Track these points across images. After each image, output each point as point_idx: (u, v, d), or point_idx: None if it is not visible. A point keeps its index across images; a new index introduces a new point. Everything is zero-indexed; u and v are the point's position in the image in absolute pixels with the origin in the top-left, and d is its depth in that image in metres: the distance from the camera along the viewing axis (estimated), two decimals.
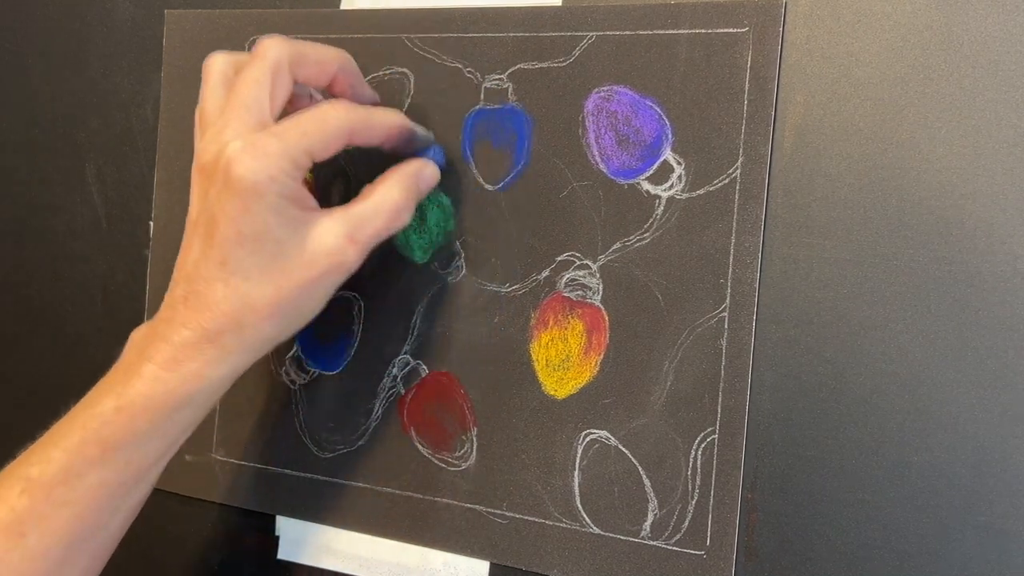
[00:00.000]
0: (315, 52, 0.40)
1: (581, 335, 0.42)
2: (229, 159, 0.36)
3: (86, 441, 0.37)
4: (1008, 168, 0.36)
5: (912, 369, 0.37)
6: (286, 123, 0.38)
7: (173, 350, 0.37)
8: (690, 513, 0.39)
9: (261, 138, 0.37)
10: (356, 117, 0.39)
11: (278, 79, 0.38)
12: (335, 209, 0.39)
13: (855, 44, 0.38)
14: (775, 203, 0.39)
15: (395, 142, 0.41)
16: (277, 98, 0.39)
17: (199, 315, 0.37)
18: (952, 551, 0.36)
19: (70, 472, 0.37)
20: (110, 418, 0.37)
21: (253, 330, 0.38)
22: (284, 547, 0.48)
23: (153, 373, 0.37)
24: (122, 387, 0.37)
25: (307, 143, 0.37)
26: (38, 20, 0.55)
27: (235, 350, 0.38)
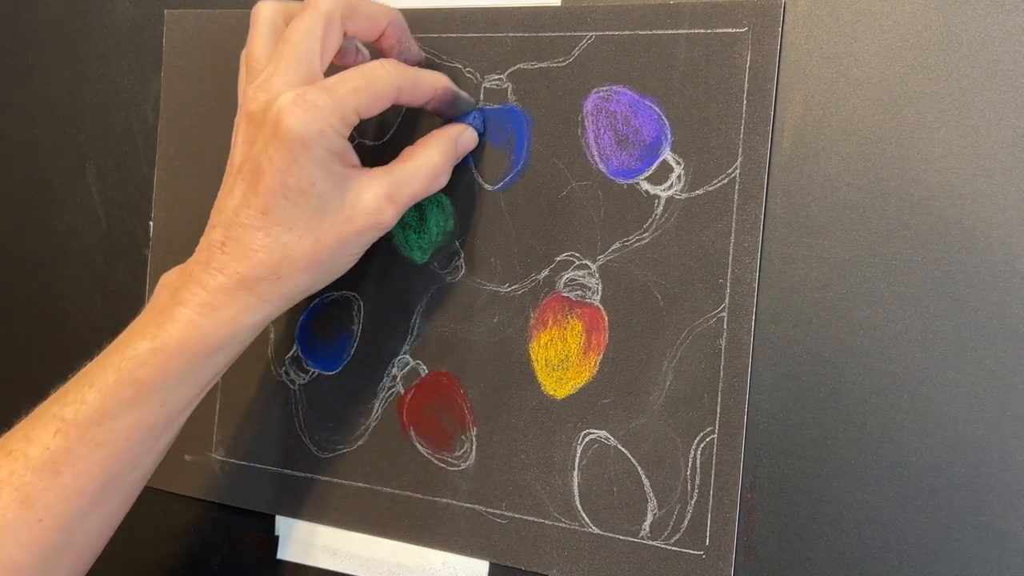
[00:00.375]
0: (366, 6, 0.40)
1: (580, 335, 0.42)
2: (280, 110, 0.37)
3: (121, 382, 0.37)
4: (1008, 168, 0.36)
5: (912, 369, 0.37)
6: (336, 79, 0.38)
7: (208, 295, 0.38)
8: (689, 513, 0.39)
9: (312, 92, 0.37)
10: (404, 77, 0.39)
11: (329, 30, 0.39)
12: (376, 169, 0.39)
13: (855, 44, 0.38)
14: (774, 203, 0.39)
15: (439, 104, 0.42)
16: (327, 50, 0.39)
17: (237, 262, 0.38)
18: (952, 551, 0.36)
19: (104, 413, 0.37)
20: (145, 359, 0.37)
21: (289, 280, 0.38)
22: (284, 547, 0.48)
23: (187, 317, 0.38)
24: (156, 329, 0.38)
25: (356, 100, 0.38)
26: (38, 20, 0.56)
27: (270, 298, 0.38)
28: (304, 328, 0.48)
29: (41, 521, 0.37)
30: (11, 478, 0.37)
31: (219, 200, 0.39)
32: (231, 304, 0.38)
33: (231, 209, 0.38)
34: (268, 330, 0.48)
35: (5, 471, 0.37)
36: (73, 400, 0.38)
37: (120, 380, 0.37)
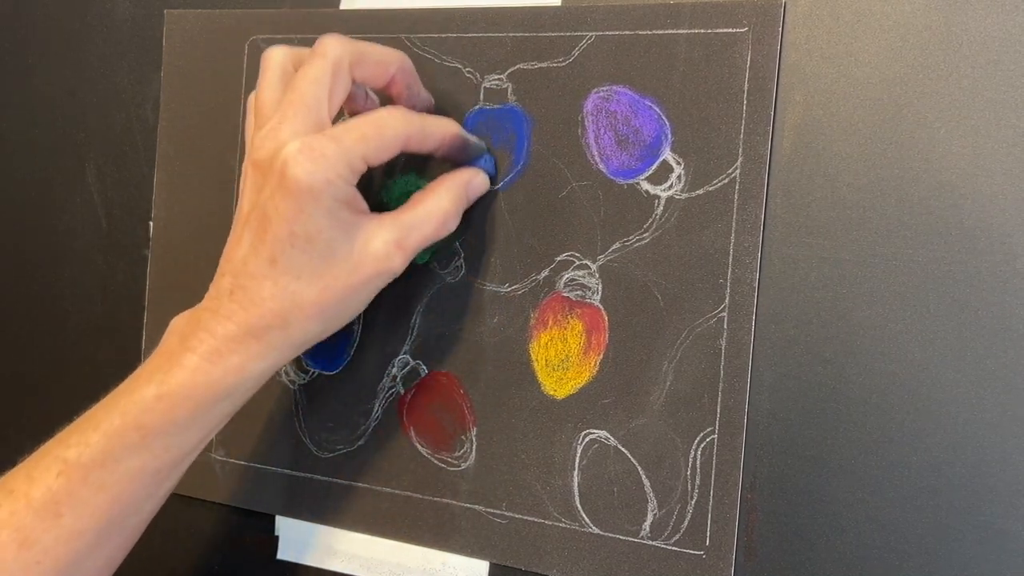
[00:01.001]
0: (375, 52, 0.40)
1: (580, 335, 0.42)
2: (286, 160, 0.36)
3: (126, 426, 0.37)
4: (1008, 168, 0.36)
5: (912, 369, 0.37)
6: (344, 127, 0.38)
7: (217, 343, 0.38)
8: (689, 513, 0.39)
9: (319, 140, 0.37)
10: (412, 125, 0.39)
11: (337, 78, 0.39)
12: (385, 215, 0.39)
13: (855, 44, 0.38)
14: (774, 203, 0.39)
15: (448, 150, 0.41)
16: (335, 97, 0.39)
17: (245, 311, 0.38)
18: (952, 551, 0.36)
19: (108, 456, 0.37)
20: (151, 405, 0.37)
21: (298, 328, 0.38)
22: (284, 547, 0.48)
23: (195, 364, 0.37)
24: (164, 375, 0.38)
25: (364, 149, 0.38)
26: (38, 20, 0.56)
27: (278, 346, 0.38)
28: None
29: (39, 563, 0.37)
30: (11, 519, 0.37)
31: (228, 248, 0.39)
32: (239, 352, 0.38)
33: (239, 258, 0.38)
34: None
35: (5, 511, 0.37)
36: (77, 442, 0.37)
37: (125, 424, 0.37)
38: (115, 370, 0.53)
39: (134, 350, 0.52)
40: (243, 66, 0.49)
